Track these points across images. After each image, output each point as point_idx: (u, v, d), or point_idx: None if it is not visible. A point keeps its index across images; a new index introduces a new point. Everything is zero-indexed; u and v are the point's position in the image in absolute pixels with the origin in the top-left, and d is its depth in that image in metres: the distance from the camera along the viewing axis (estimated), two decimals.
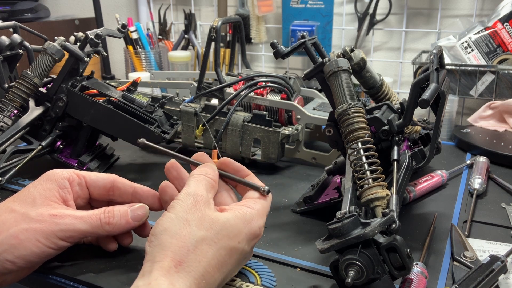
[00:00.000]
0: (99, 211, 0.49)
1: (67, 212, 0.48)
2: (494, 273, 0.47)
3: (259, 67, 1.40)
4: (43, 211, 0.47)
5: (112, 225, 0.49)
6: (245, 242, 0.45)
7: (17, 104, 0.71)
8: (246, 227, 0.45)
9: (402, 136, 0.55)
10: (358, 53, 0.61)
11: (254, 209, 0.47)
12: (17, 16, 1.45)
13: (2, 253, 0.45)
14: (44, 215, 0.47)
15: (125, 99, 0.73)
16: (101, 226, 0.49)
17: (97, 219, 0.49)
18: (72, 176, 0.51)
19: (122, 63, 1.49)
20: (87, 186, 0.52)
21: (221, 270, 0.43)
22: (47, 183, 0.49)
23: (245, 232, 0.45)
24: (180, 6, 1.46)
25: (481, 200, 0.69)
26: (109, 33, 0.79)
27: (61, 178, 0.50)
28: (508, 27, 0.99)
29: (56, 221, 0.47)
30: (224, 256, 0.43)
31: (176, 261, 0.40)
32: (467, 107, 1.14)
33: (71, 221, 0.47)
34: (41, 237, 0.46)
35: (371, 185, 0.48)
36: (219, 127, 0.80)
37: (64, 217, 0.47)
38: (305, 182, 0.75)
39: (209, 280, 0.42)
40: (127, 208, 0.51)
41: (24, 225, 0.46)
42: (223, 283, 0.45)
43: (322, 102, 0.88)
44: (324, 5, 1.21)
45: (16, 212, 0.47)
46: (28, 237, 0.45)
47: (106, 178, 0.53)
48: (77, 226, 0.47)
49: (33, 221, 0.46)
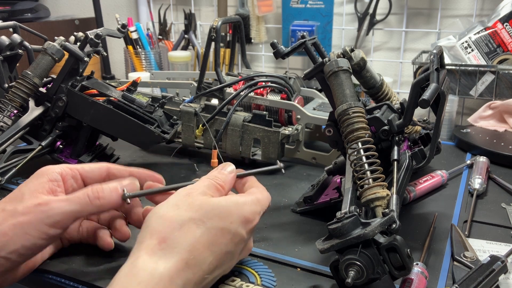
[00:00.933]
0: (86, 189, 0.48)
1: (52, 198, 0.47)
2: (494, 273, 0.47)
3: (259, 67, 1.40)
4: (29, 204, 0.46)
5: (102, 199, 0.47)
6: (238, 224, 0.44)
7: (17, 104, 0.71)
8: (237, 209, 0.44)
9: (402, 136, 0.55)
10: (358, 53, 0.61)
11: (249, 196, 0.47)
12: (17, 16, 1.45)
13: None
14: (30, 207, 0.46)
15: (125, 99, 0.73)
16: (90, 202, 0.47)
17: (84, 197, 0.47)
18: (64, 170, 0.50)
19: (122, 63, 1.49)
20: (82, 179, 0.51)
21: (212, 249, 0.42)
22: (37, 179, 0.48)
23: (236, 214, 0.44)
24: (180, 6, 1.46)
25: (481, 200, 0.69)
26: (109, 33, 0.79)
27: (52, 172, 0.49)
28: (508, 27, 0.99)
29: (42, 209, 0.46)
30: (214, 235, 0.42)
31: (160, 239, 0.40)
32: (467, 107, 1.14)
33: (57, 205, 0.46)
34: (29, 229, 0.45)
35: (371, 185, 0.48)
36: (219, 127, 0.80)
37: (49, 203, 0.46)
38: (305, 182, 0.75)
39: (198, 257, 0.41)
40: (117, 183, 0.49)
41: (11, 220, 0.45)
42: (220, 266, 0.44)
43: (322, 102, 0.88)
44: (324, 5, 1.21)
45: (5, 211, 0.46)
46: (17, 232, 0.45)
47: (100, 167, 0.52)
48: (64, 208, 0.46)
49: (20, 215, 0.45)
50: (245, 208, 0.45)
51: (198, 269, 0.41)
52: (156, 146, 0.81)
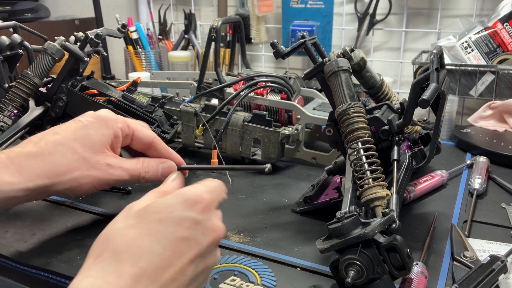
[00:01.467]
0: (141, 165, 0.55)
1: (118, 163, 0.53)
2: (494, 273, 0.47)
3: (259, 67, 1.40)
4: (100, 159, 0.52)
5: (146, 178, 0.55)
6: (180, 209, 0.40)
7: (17, 104, 0.71)
8: (177, 197, 0.42)
9: (402, 136, 0.55)
10: (358, 53, 0.61)
11: (192, 185, 0.44)
12: (17, 16, 1.45)
13: (65, 190, 0.51)
14: (101, 163, 0.52)
15: (125, 99, 0.73)
16: (138, 178, 0.55)
17: (138, 172, 0.55)
18: (124, 126, 0.55)
19: (122, 63, 1.49)
20: (132, 138, 0.56)
21: (157, 239, 0.38)
22: (104, 129, 0.53)
23: (176, 202, 0.41)
24: (180, 6, 1.46)
25: (481, 200, 0.69)
26: (109, 33, 0.79)
27: (116, 127, 0.54)
28: (508, 27, 0.99)
29: (110, 172, 0.53)
30: (154, 228, 0.39)
31: (95, 256, 0.38)
32: (467, 107, 1.14)
33: (121, 173, 0.53)
34: (96, 183, 0.52)
35: (371, 185, 0.48)
36: (219, 127, 0.81)
37: (116, 168, 0.53)
38: (305, 182, 0.75)
39: (141, 252, 0.37)
40: (159, 164, 0.56)
41: (85, 170, 0.51)
42: (181, 255, 0.39)
43: (322, 102, 0.88)
44: (324, 5, 1.21)
45: (79, 155, 0.51)
46: (87, 182, 0.51)
47: (148, 136, 0.57)
48: (123, 177, 0.54)
49: (92, 168, 0.51)
50: (186, 193, 0.42)
51: (147, 263, 0.37)
52: None
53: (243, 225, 0.61)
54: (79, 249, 0.55)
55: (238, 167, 0.58)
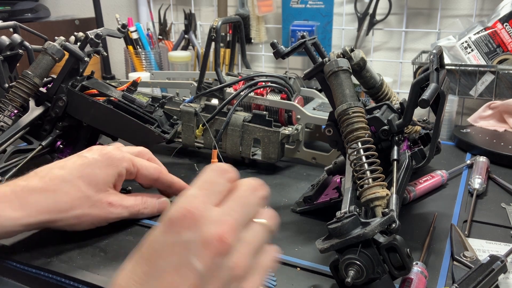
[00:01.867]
0: (140, 203, 0.59)
1: (119, 201, 0.56)
2: (494, 273, 0.47)
3: (259, 67, 1.40)
4: (102, 198, 0.54)
5: (144, 214, 0.59)
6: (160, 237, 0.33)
7: (17, 104, 0.71)
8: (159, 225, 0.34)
9: (402, 136, 0.55)
10: (358, 53, 0.61)
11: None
12: (17, 16, 1.45)
13: (64, 226, 0.53)
14: (102, 202, 0.54)
15: (125, 99, 0.73)
16: (137, 214, 0.58)
17: (137, 209, 0.58)
18: (129, 166, 0.57)
19: (122, 63, 1.49)
20: (137, 176, 0.59)
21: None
22: (109, 168, 0.55)
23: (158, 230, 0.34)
24: (180, 6, 1.46)
25: (481, 200, 0.69)
26: (109, 33, 0.79)
27: (121, 166, 0.56)
28: (508, 27, 0.99)
29: (111, 210, 0.55)
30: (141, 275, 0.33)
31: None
32: (467, 107, 1.14)
33: (121, 210, 0.56)
34: (95, 221, 0.54)
35: (371, 184, 0.48)
36: (219, 127, 0.81)
37: (117, 206, 0.55)
38: (305, 182, 0.75)
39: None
40: (156, 199, 0.61)
41: (86, 209, 0.53)
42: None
43: (322, 102, 0.88)
44: (324, 5, 1.21)
45: (82, 193, 0.53)
46: (87, 220, 0.54)
47: (153, 173, 0.60)
48: (123, 214, 0.56)
49: (93, 206, 0.53)
50: (165, 215, 0.34)
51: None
52: (156, 146, 0.81)
53: None
54: (79, 249, 0.55)
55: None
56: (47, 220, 0.51)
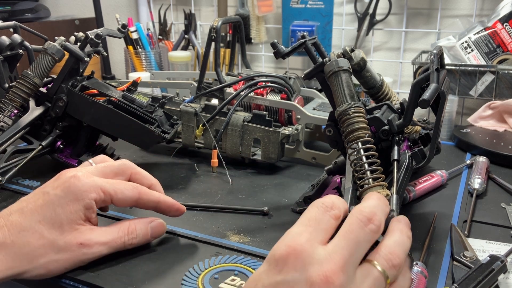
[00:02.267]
0: (123, 233, 0.51)
1: (94, 238, 0.49)
2: (493, 273, 0.47)
3: (259, 67, 1.40)
4: (71, 239, 0.48)
5: (134, 244, 0.52)
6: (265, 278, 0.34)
7: (18, 104, 0.71)
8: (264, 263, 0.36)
9: (402, 136, 0.55)
10: (358, 53, 0.61)
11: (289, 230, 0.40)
12: (17, 16, 1.45)
13: (34, 277, 0.47)
14: (72, 244, 0.47)
15: (125, 99, 0.73)
16: (123, 247, 0.51)
17: (121, 243, 0.51)
18: (99, 195, 0.49)
19: (122, 63, 1.49)
20: (112, 201, 0.51)
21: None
22: (73, 205, 0.48)
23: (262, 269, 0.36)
24: (180, 6, 1.46)
25: (481, 200, 0.69)
26: (109, 33, 0.79)
27: (88, 198, 0.49)
28: (508, 27, 0.99)
29: (84, 251, 0.48)
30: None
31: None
32: (467, 107, 1.14)
33: (97, 249, 0.49)
34: (68, 265, 0.48)
35: (371, 185, 0.48)
36: (219, 127, 0.81)
37: (91, 245, 0.48)
38: (305, 182, 0.75)
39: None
40: (148, 225, 0.53)
41: (53, 255, 0.47)
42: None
43: (322, 102, 0.88)
44: (324, 5, 1.21)
45: (45, 239, 0.47)
46: (57, 267, 0.47)
47: (131, 196, 0.51)
48: (102, 252, 0.49)
49: (61, 251, 0.47)
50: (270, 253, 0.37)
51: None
52: (156, 146, 0.81)
53: (243, 225, 0.62)
54: None
55: (236, 208, 0.65)
56: (12, 275, 0.46)
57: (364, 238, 0.34)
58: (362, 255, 0.34)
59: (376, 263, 0.34)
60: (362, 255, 0.34)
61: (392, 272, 0.34)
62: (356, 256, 0.33)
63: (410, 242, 0.37)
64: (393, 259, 0.34)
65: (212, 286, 0.48)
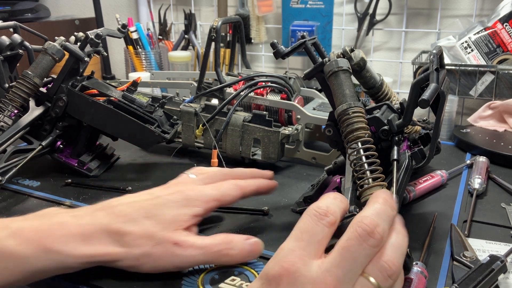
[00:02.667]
0: (220, 242, 0.47)
1: (189, 240, 0.46)
2: (493, 273, 0.47)
3: (259, 67, 1.40)
4: (168, 236, 0.46)
5: (230, 257, 0.47)
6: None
7: (18, 104, 0.71)
8: (256, 280, 0.37)
9: (402, 136, 0.55)
10: (358, 53, 0.61)
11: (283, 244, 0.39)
12: (17, 16, 1.45)
13: (122, 266, 0.46)
14: (167, 240, 0.46)
15: (125, 99, 0.73)
16: (217, 258, 0.47)
17: (217, 250, 0.47)
18: (208, 204, 0.51)
19: (122, 63, 1.49)
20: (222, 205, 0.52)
21: None
22: (183, 209, 0.48)
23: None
24: (180, 6, 1.46)
25: (481, 200, 0.69)
26: (109, 33, 0.79)
27: (198, 206, 0.49)
28: (508, 27, 0.99)
29: (177, 252, 0.46)
30: None
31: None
32: (467, 107, 1.14)
33: (191, 252, 0.46)
34: (159, 264, 0.46)
35: (371, 184, 0.48)
36: (219, 127, 0.81)
37: (185, 247, 0.46)
38: (305, 182, 0.75)
39: None
40: (244, 240, 0.49)
41: (147, 248, 0.46)
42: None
43: (322, 102, 0.88)
44: (324, 5, 1.21)
45: (145, 231, 0.46)
46: (148, 261, 0.46)
47: (235, 195, 0.53)
48: (196, 258, 0.46)
49: (156, 245, 0.46)
50: (262, 271, 0.37)
51: None
52: (156, 146, 0.81)
53: (243, 225, 0.62)
54: None
55: (236, 208, 0.65)
56: (107, 260, 0.46)
57: (362, 254, 0.33)
58: (359, 271, 0.33)
59: (370, 278, 0.33)
60: (360, 271, 0.33)
61: (387, 283, 0.33)
62: (352, 272, 0.32)
63: (407, 243, 0.36)
64: (388, 268, 0.33)
65: (212, 286, 0.48)
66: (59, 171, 0.77)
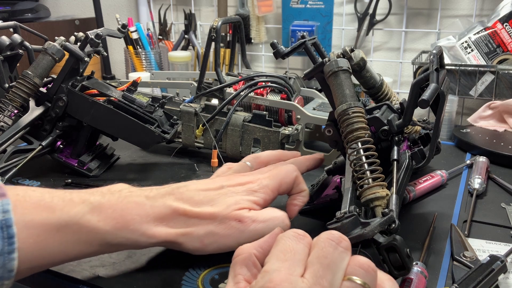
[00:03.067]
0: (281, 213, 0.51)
1: (252, 216, 0.48)
2: (493, 273, 0.47)
3: (259, 67, 1.40)
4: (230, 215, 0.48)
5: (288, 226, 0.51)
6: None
7: (18, 104, 0.71)
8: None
9: (402, 136, 0.55)
10: (358, 53, 0.61)
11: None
12: (17, 16, 1.46)
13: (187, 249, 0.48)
14: (230, 218, 0.48)
15: (125, 99, 0.73)
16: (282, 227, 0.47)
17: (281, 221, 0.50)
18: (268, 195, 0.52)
19: (122, 63, 1.50)
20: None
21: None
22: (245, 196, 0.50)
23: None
24: (180, 6, 1.46)
25: (481, 200, 0.69)
26: (109, 33, 0.79)
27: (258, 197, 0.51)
28: (507, 27, 0.99)
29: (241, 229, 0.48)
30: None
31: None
32: (467, 107, 1.14)
33: (255, 226, 0.48)
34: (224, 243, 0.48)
35: (371, 185, 0.48)
36: (219, 127, 0.81)
37: (248, 223, 0.48)
38: (305, 182, 0.75)
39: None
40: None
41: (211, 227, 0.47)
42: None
43: (322, 102, 0.88)
44: (324, 5, 1.21)
45: (208, 213, 0.48)
46: (212, 242, 0.48)
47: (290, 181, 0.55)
48: (259, 231, 0.48)
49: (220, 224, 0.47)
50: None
51: None
52: (156, 146, 0.81)
53: None
54: None
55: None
56: (171, 241, 0.47)
57: (339, 257, 0.34)
58: (342, 276, 0.33)
59: (353, 278, 0.33)
60: (342, 275, 0.33)
61: (370, 276, 0.34)
62: (336, 278, 0.33)
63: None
64: (366, 262, 0.35)
65: (212, 286, 0.48)
66: (59, 171, 0.77)
